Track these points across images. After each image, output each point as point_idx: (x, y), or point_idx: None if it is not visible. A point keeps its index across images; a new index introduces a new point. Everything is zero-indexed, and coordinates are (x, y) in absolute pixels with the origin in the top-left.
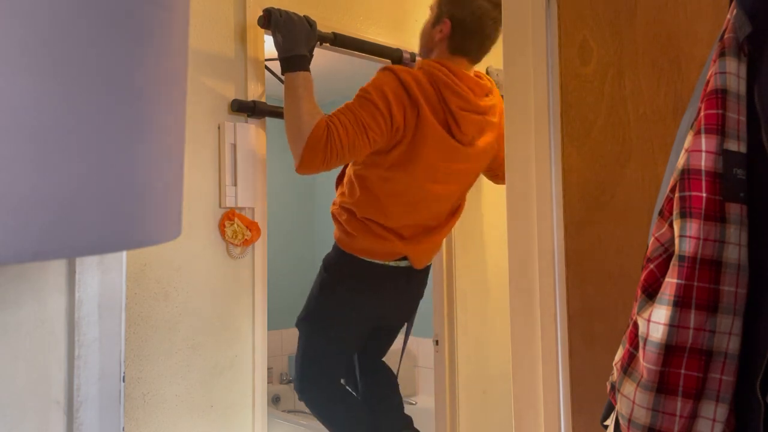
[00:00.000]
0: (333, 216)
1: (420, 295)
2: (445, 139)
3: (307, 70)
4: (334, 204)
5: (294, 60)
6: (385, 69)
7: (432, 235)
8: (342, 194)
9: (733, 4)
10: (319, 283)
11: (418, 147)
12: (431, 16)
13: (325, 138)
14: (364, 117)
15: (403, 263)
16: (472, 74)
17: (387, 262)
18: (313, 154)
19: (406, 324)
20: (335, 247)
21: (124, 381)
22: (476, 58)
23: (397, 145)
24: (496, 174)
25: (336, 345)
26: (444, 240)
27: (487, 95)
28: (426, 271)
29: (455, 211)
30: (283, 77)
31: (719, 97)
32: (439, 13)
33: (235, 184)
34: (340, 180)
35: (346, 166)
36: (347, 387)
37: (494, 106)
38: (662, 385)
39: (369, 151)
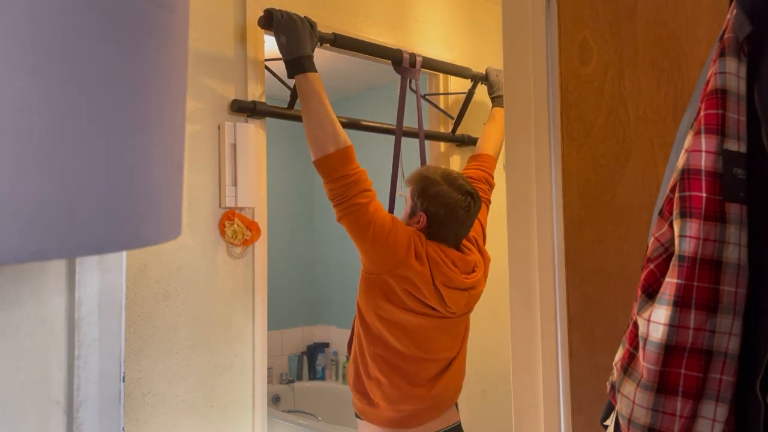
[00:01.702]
0: (352, 387)
1: None
2: (434, 298)
3: (316, 70)
4: (348, 373)
5: (302, 61)
6: (406, 225)
7: (452, 366)
8: (354, 355)
9: (733, 4)
10: None
11: (409, 289)
12: (407, 207)
13: (353, 174)
14: (378, 217)
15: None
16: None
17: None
18: (334, 169)
19: None
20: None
21: (124, 381)
22: (455, 244)
23: (395, 289)
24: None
25: None
26: (465, 369)
27: (474, 270)
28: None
29: (464, 340)
30: (293, 79)
31: (719, 97)
32: (413, 206)
33: (235, 184)
34: (349, 345)
35: (353, 332)
36: None
37: (479, 280)
38: (662, 385)
39: (352, 233)
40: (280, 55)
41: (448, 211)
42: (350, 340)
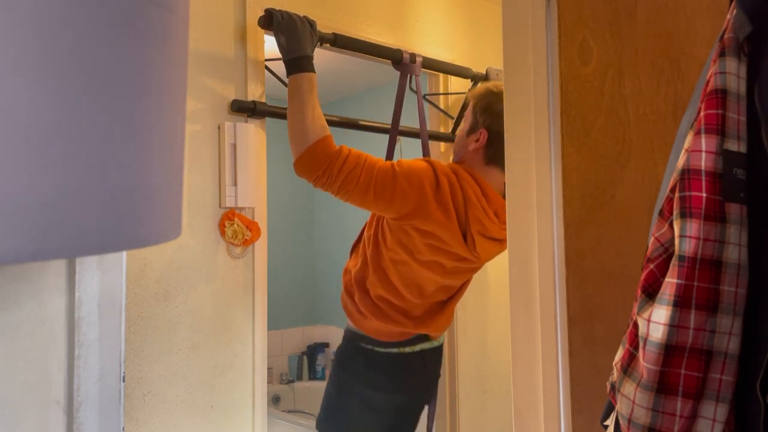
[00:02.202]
0: (345, 288)
1: (437, 375)
2: (461, 247)
3: (312, 71)
4: (346, 273)
5: (300, 61)
6: (426, 161)
7: (443, 309)
8: (356, 265)
9: (733, 4)
10: (335, 382)
11: (433, 243)
12: (466, 124)
13: (329, 154)
14: (377, 174)
15: (417, 347)
16: (501, 195)
17: (401, 350)
18: (311, 160)
19: (427, 406)
20: (348, 338)
21: (124, 381)
22: None
23: (413, 236)
24: None
25: None
26: (453, 315)
27: None
28: (440, 350)
29: (460, 290)
30: (287, 78)
31: (719, 97)
32: (474, 122)
33: (235, 184)
34: (354, 248)
35: (361, 234)
36: None
37: None
38: (662, 385)
39: (360, 204)
40: (280, 55)
41: None
42: (355, 243)
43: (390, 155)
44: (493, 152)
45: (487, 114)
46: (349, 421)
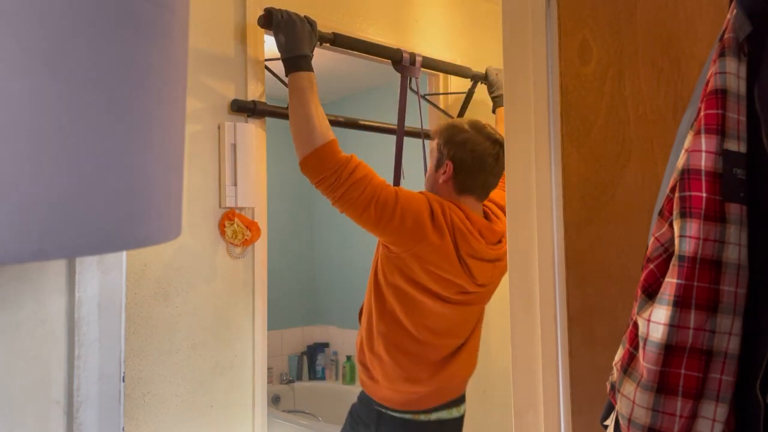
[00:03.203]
0: (358, 358)
1: None
2: (459, 273)
3: (311, 70)
4: (357, 347)
5: (298, 60)
6: (422, 193)
7: (459, 353)
8: (364, 328)
9: (733, 4)
10: None
11: (437, 268)
12: (432, 161)
13: (339, 159)
14: (380, 192)
15: (433, 416)
16: (483, 217)
17: (416, 417)
18: (319, 162)
19: None
20: (363, 398)
21: (124, 381)
22: (482, 196)
23: (413, 266)
24: None
25: None
26: (476, 359)
27: (499, 241)
28: (459, 423)
29: (476, 326)
30: (286, 77)
31: (719, 97)
32: (439, 156)
33: (235, 184)
34: (361, 313)
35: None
36: None
37: (506, 252)
38: (662, 385)
39: (357, 219)
40: (279, 55)
41: (476, 158)
42: (361, 309)
43: (398, 157)
44: (462, 180)
45: (450, 145)
46: None
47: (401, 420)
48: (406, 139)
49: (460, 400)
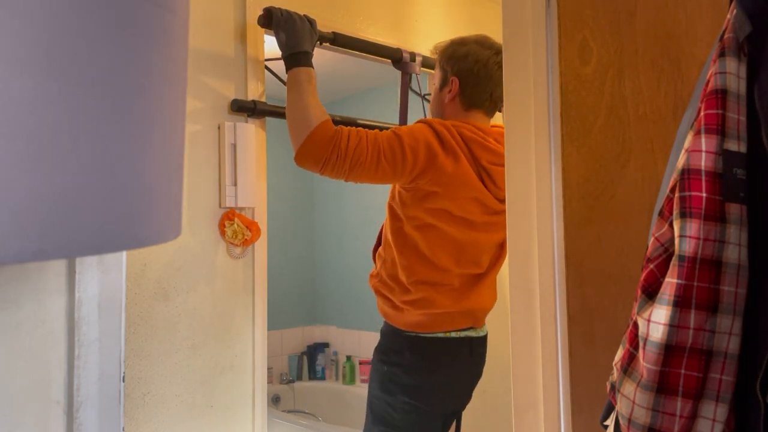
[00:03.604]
0: (376, 291)
1: (479, 374)
2: (481, 191)
3: (311, 66)
4: (373, 277)
5: (298, 57)
6: (419, 121)
7: (483, 281)
8: (383, 262)
9: (733, 4)
10: (379, 380)
11: (455, 195)
12: (437, 81)
13: (331, 136)
14: (382, 143)
15: (462, 333)
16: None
17: (447, 334)
18: (314, 147)
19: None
20: (388, 333)
21: (124, 381)
22: (491, 109)
23: (432, 194)
24: None
25: None
26: (496, 292)
27: None
28: (484, 342)
29: (497, 259)
30: (286, 74)
31: (719, 97)
32: (443, 75)
33: (235, 184)
34: (375, 252)
35: (379, 237)
36: None
37: None
38: (662, 385)
39: (373, 179)
40: (280, 55)
41: (480, 67)
42: (376, 246)
43: None
44: (470, 93)
45: (453, 60)
46: (400, 425)
47: (434, 338)
48: None
49: (482, 327)
